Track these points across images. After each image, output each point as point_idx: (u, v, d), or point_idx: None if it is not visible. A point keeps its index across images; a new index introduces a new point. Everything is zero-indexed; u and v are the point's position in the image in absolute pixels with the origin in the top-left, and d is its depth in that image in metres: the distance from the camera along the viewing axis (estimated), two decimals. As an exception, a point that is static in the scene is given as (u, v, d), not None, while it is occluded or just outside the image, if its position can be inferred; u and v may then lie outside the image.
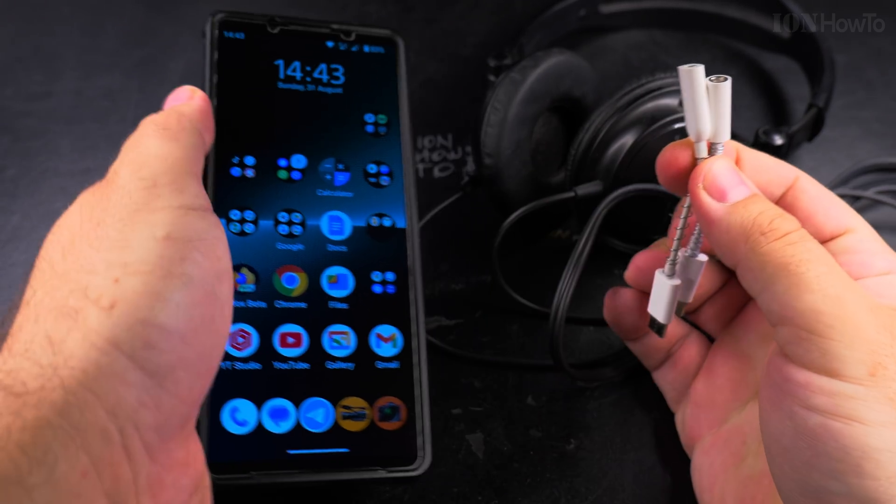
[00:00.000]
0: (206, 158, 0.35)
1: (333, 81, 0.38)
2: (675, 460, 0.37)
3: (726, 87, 0.29)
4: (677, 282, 0.33)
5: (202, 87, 0.36)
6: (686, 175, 0.30)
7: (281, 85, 0.37)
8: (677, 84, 0.41)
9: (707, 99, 0.29)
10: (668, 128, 0.40)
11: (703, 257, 0.33)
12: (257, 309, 0.34)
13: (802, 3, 0.53)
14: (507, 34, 0.54)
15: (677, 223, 0.32)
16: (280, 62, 0.37)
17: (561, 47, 0.44)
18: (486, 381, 0.41)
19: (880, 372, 0.24)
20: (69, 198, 0.49)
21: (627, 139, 0.40)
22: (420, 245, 0.37)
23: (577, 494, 0.37)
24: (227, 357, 0.33)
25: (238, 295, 0.34)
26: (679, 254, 0.33)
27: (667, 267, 0.33)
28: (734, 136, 0.42)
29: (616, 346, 0.42)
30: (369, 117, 0.38)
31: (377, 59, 0.39)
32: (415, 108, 0.55)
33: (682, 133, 0.40)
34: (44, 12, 0.63)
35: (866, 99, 0.55)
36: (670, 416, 0.38)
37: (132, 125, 0.54)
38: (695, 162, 0.30)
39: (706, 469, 0.34)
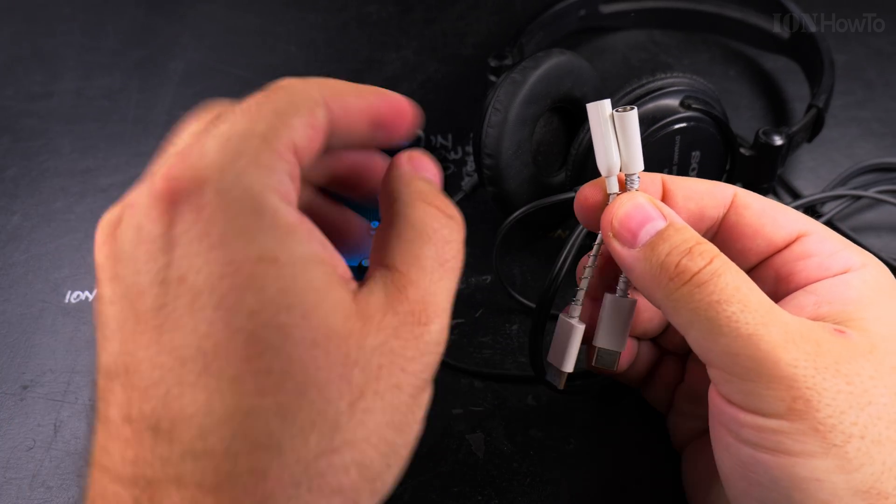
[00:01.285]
0: None
1: None
2: (674, 460, 0.37)
3: (632, 116, 0.28)
4: (582, 326, 0.32)
5: None
6: (600, 215, 0.29)
7: None
8: (678, 84, 0.41)
9: (613, 132, 0.29)
10: (668, 128, 0.40)
11: (633, 297, 0.31)
12: None
13: (802, 3, 0.53)
14: (507, 34, 0.54)
15: (586, 262, 0.31)
16: None
17: (561, 47, 0.44)
18: (486, 381, 0.41)
19: (801, 405, 0.24)
20: (69, 197, 0.50)
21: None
22: None
23: (577, 494, 0.37)
24: None
25: None
26: (607, 295, 0.31)
27: (571, 307, 0.31)
28: (735, 138, 0.42)
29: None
30: None
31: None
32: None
33: (683, 133, 0.40)
34: (44, 12, 0.63)
35: (866, 99, 0.55)
36: (670, 415, 0.38)
37: (132, 125, 0.54)
38: (607, 199, 0.29)
39: (690, 476, 0.34)
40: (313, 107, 0.24)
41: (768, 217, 0.30)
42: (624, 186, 0.29)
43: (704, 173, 0.43)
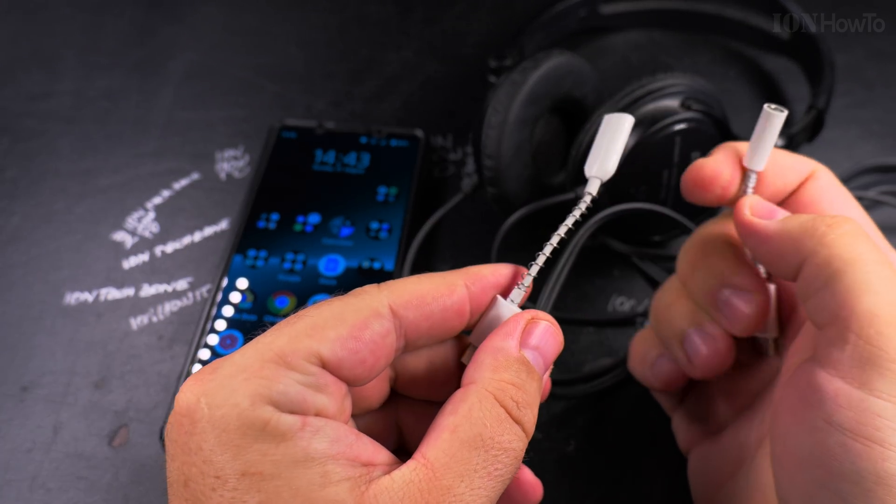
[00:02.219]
0: (241, 215, 0.46)
1: (359, 165, 0.49)
2: (675, 461, 0.37)
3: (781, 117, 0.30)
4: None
5: (256, 169, 0.49)
6: (722, 187, 0.30)
7: (315, 167, 0.49)
8: (678, 85, 0.41)
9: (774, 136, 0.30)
10: (668, 129, 0.40)
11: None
12: (248, 321, 0.42)
13: (802, 3, 0.53)
14: (507, 34, 0.54)
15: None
16: (318, 151, 0.50)
17: (561, 48, 0.44)
18: (486, 382, 0.41)
19: None
20: (69, 198, 0.50)
21: (628, 140, 0.40)
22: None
23: (577, 496, 0.37)
24: (214, 353, 0.41)
25: (236, 309, 0.42)
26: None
27: (515, 292, 0.29)
28: (735, 138, 0.42)
29: (614, 348, 0.42)
30: (382, 189, 0.48)
31: (401, 149, 0.50)
32: (415, 108, 0.55)
33: (683, 134, 0.40)
34: (44, 12, 0.63)
35: (866, 99, 0.55)
36: (669, 417, 0.38)
37: (132, 126, 0.54)
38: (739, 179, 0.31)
39: (699, 476, 0.34)
40: (368, 318, 0.25)
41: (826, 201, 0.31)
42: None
43: (704, 174, 0.43)
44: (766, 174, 0.31)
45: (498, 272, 0.28)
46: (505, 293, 0.28)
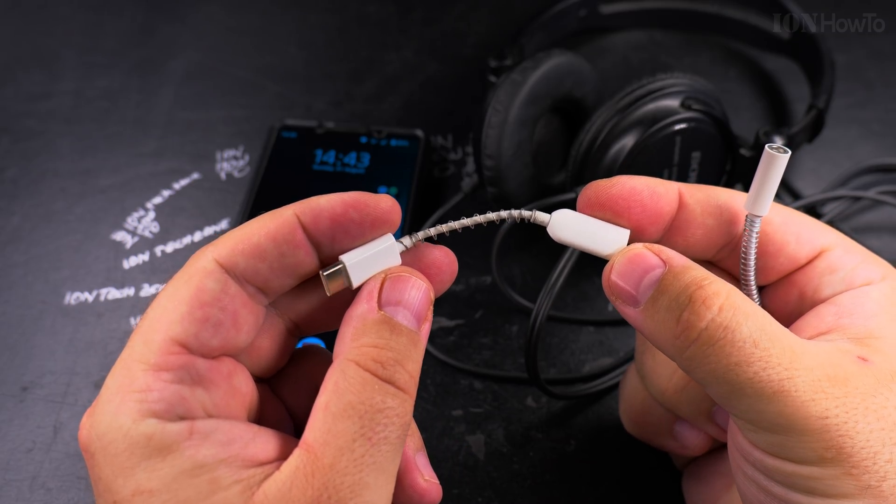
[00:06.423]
0: (242, 215, 0.46)
1: (359, 164, 0.49)
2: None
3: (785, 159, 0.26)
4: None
5: (256, 169, 0.49)
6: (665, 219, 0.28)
7: (315, 167, 0.49)
8: (678, 85, 0.41)
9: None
10: (668, 129, 0.40)
11: None
12: None
13: (802, 3, 0.53)
14: (507, 34, 0.54)
15: None
16: (318, 151, 0.50)
17: (561, 48, 0.44)
18: (486, 382, 0.41)
19: (833, 454, 0.23)
20: (69, 198, 0.50)
21: (628, 140, 0.40)
22: None
23: (577, 496, 0.37)
24: None
25: None
26: None
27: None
28: (735, 138, 0.42)
29: (614, 348, 0.42)
30: (382, 189, 0.48)
31: (401, 149, 0.50)
32: (415, 108, 0.55)
33: (683, 134, 0.40)
34: (44, 12, 0.63)
35: (866, 99, 0.55)
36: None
37: (132, 126, 0.54)
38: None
39: (694, 487, 0.34)
40: (200, 281, 0.24)
41: (791, 233, 0.28)
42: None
43: (705, 174, 0.43)
44: (696, 217, 0.28)
45: (333, 201, 0.26)
46: (343, 222, 0.26)
